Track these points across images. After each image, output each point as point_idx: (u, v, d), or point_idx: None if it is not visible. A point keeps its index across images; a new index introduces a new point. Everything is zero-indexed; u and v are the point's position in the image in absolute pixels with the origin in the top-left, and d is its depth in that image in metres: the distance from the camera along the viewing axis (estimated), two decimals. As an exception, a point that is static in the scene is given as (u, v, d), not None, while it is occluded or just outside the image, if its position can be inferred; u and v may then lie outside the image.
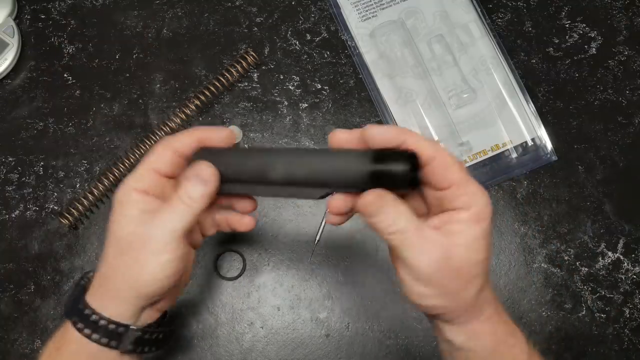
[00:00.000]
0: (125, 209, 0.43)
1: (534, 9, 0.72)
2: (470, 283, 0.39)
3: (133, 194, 0.43)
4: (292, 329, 0.62)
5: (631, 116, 0.69)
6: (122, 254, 0.42)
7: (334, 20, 0.70)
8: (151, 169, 0.44)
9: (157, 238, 0.41)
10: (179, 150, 0.43)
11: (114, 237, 0.43)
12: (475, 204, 0.38)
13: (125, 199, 0.43)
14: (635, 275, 0.64)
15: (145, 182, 0.43)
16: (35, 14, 0.70)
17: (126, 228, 0.42)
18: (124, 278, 0.42)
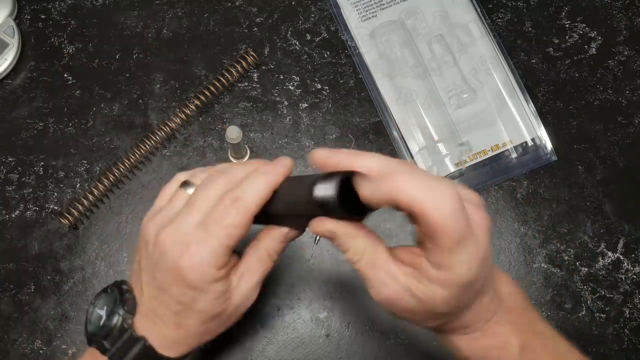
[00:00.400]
0: (209, 294, 0.41)
1: (534, 9, 0.72)
2: (426, 321, 0.39)
3: (218, 275, 0.41)
4: (292, 329, 0.62)
5: (631, 116, 0.69)
6: (213, 321, 0.43)
7: (334, 20, 0.70)
8: (230, 246, 0.41)
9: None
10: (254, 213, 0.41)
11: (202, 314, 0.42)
12: (451, 269, 0.36)
13: (202, 285, 0.40)
14: (635, 275, 0.64)
15: (227, 258, 0.41)
16: (35, 14, 0.70)
17: (217, 308, 0.42)
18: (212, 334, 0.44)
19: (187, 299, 0.41)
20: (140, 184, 0.65)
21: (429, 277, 0.36)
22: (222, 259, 0.40)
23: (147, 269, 0.43)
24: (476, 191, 0.66)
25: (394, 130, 0.67)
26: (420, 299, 0.37)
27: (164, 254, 0.40)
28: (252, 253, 0.44)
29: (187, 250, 0.39)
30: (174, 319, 0.42)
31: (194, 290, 0.40)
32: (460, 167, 0.66)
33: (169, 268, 0.40)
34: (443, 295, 0.36)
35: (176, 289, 0.41)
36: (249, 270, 0.43)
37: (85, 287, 0.62)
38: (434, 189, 0.34)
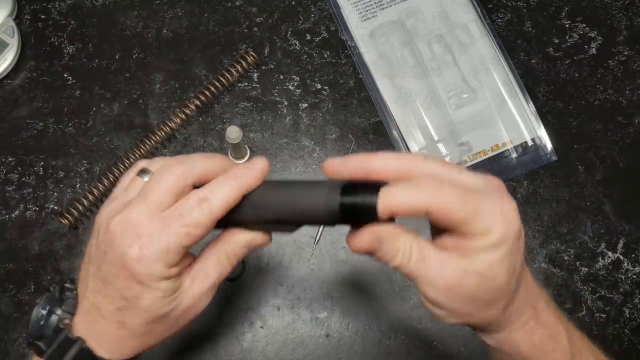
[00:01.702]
0: (155, 291, 0.38)
1: (534, 9, 0.72)
2: (489, 307, 0.37)
3: (168, 273, 0.38)
4: (292, 329, 0.62)
5: (631, 116, 0.69)
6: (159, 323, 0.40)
7: (334, 21, 0.70)
8: (186, 246, 0.38)
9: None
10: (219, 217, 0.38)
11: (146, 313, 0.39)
12: (494, 228, 0.34)
13: (149, 280, 0.37)
14: (635, 275, 0.64)
15: (180, 257, 0.38)
16: (35, 14, 0.70)
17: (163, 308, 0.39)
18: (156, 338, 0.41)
19: (131, 294, 0.38)
20: (140, 184, 0.65)
21: (477, 247, 0.35)
22: (175, 257, 0.37)
23: (95, 260, 0.40)
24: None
25: (394, 130, 0.67)
26: (480, 274, 0.35)
27: (113, 242, 0.38)
28: (210, 255, 0.41)
29: (137, 241, 0.37)
30: (116, 317, 0.39)
31: (140, 285, 0.37)
32: (460, 167, 0.66)
33: (116, 258, 0.37)
34: (499, 258, 0.35)
35: (121, 281, 0.38)
36: (204, 272, 0.40)
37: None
38: (469, 202, 0.34)
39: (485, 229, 0.34)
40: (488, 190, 0.35)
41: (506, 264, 0.35)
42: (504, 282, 0.36)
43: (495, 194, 0.35)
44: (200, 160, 0.40)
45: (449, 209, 0.34)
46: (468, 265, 0.35)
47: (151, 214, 0.37)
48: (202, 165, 0.39)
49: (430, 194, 0.34)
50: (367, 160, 0.36)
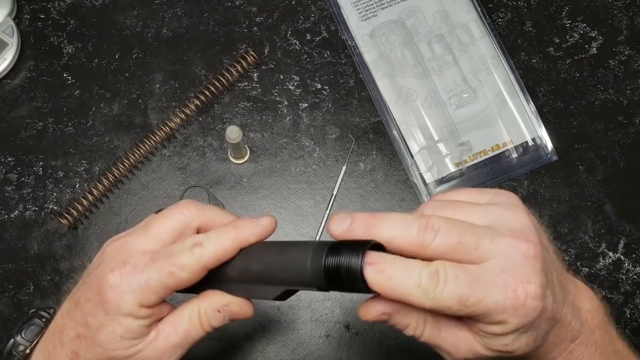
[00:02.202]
0: (117, 327, 0.35)
1: (534, 8, 0.71)
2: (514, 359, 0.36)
3: (138, 311, 0.35)
4: (292, 329, 0.62)
5: (632, 116, 0.68)
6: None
7: (334, 20, 0.70)
8: (167, 287, 0.36)
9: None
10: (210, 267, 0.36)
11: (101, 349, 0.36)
12: (508, 320, 0.32)
13: (115, 311, 0.35)
14: (636, 276, 0.64)
15: (157, 298, 0.36)
16: (35, 14, 0.69)
17: (119, 350, 0.36)
18: None
19: (94, 322, 0.36)
20: (140, 184, 0.65)
21: (491, 332, 0.33)
22: (150, 296, 0.35)
23: (80, 280, 0.39)
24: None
25: (394, 130, 0.66)
26: (497, 350, 0.34)
27: (100, 264, 0.37)
28: (182, 311, 0.38)
29: (120, 267, 0.35)
30: (73, 344, 0.37)
31: (105, 314, 0.35)
32: (461, 167, 0.66)
33: (95, 280, 0.36)
34: (514, 340, 0.33)
35: (90, 306, 0.36)
36: (172, 328, 0.37)
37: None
38: (472, 299, 0.31)
39: (496, 321, 0.32)
40: (504, 271, 0.32)
41: (525, 341, 0.34)
42: (524, 352, 0.34)
43: (513, 276, 0.32)
44: (214, 209, 0.38)
45: (448, 310, 0.31)
46: (486, 343, 0.34)
47: (147, 246, 0.36)
48: (213, 213, 0.38)
49: (427, 288, 0.31)
50: (370, 226, 0.33)
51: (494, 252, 0.32)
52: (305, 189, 0.66)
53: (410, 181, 0.66)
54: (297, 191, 0.66)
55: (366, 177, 0.66)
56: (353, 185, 0.66)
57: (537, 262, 0.32)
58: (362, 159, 0.67)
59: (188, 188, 0.65)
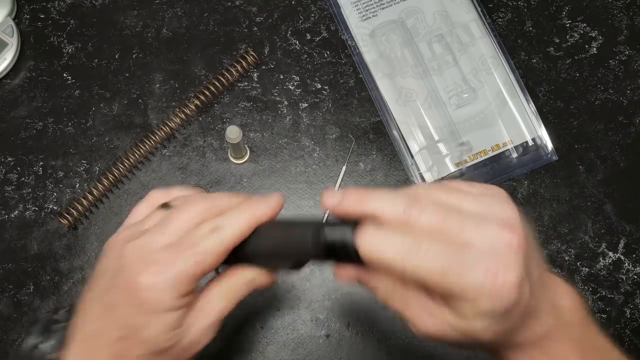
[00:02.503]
0: (160, 324, 0.37)
1: (534, 8, 0.71)
2: (473, 349, 0.37)
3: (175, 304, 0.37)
4: (292, 329, 0.62)
5: (632, 116, 0.68)
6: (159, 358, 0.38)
7: (334, 20, 0.70)
8: (197, 275, 0.37)
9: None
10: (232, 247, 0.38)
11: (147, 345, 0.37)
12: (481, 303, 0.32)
13: (155, 310, 0.36)
14: (636, 276, 0.64)
15: (191, 287, 0.37)
16: (35, 14, 0.69)
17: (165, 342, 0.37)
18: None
19: (135, 323, 0.36)
20: (140, 183, 0.65)
21: (462, 312, 0.33)
22: (185, 286, 0.36)
23: (99, 285, 0.39)
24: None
25: (394, 130, 0.66)
26: (464, 333, 0.34)
27: (123, 268, 0.37)
28: (213, 289, 0.40)
29: (149, 268, 0.36)
30: (114, 348, 0.37)
31: (146, 314, 0.36)
32: (461, 167, 0.66)
33: (124, 284, 0.36)
34: (483, 326, 0.33)
35: (126, 308, 0.36)
36: (206, 309, 0.39)
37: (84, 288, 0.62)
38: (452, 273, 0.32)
39: (471, 299, 0.32)
40: (487, 254, 0.32)
41: (494, 329, 0.33)
42: (490, 341, 0.34)
43: (494, 261, 0.32)
44: (224, 197, 0.40)
45: (428, 280, 0.32)
46: (452, 321, 0.34)
47: (167, 242, 0.37)
48: (227, 202, 0.39)
49: (409, 257, 0.32)
50: (361, 202, 0.35)
51: (478, 237, 0.33)
52: (305, 189, 0.66)
53: (410, 181, 0.66)
54: (297, 191, 0.66)
55: (366, 177, 0.66)
56: (353, 185, 0.66)
57: (520, 253, 0.33)
58: (362, 159, 0.67)
59: (188, 188, 0.65)
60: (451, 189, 0.36)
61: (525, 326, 0.35)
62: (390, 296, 0.36)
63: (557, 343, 0.37)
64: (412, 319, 0.35)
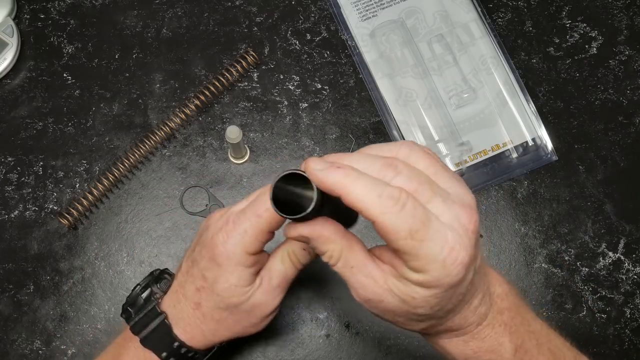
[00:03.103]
0: (231, 277, 0.43)
1: (534, 8, 0.71)
2: (409, 323, 0.38)
3: (246, 260, 0.42)
4: (292, 329, 0.62)
5: (632, 116, 0.68)
6: (229, 312, 0.45)
7: (334, 20, 0.70)
8: (261, 230, 0.41)
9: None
10: None
11: (219, 297, 0.44)
12: (430, 271, 0.34)
13: (227, 263, 0.42)
14: (636, 276, 0.64)
15: (258, 244, 0.42)
16: (35, 14, 0.69)
17: (234, 297, 0.43)
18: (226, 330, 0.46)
19: (211, 274, 0.42)
20: (140, 183, 0.65)
21: (408, 278, 0.35)
22: (253, 244, 0.41)
23: (193, 243, 0.46)
24: (477, 191, 0.66)
25: (394, 130, 0.66)
26: (402, 299, 0.36)
27: (208, 227, 0.43)
28: (275, 255, 0.44)
29: (225, 226, 0.41)
30: (194, 297, 0.44)
31: (219, 267, 0.42)
32: (461, 167, 0.66)
33: (206, 240, 0.42)
34: (424, 296, 0.35)
35: (205, 262, 0.42)
36: (270, 270, 0.44)
37: (84, 288, 0.62)
38: (417, 237, 0.33)
39: (420, 268, 0.34)
40: (449, 229, 0.34)
41: (432, 302, 0.35)
42: (425, 313, 0.36)
43: (454, 236, 0.34)
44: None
45: (394, 234, 0.33)
46: (394, 286, 0.36)
47: (243, 206, 0.42)
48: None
49: (384, 209, 0.33)
50: (340, 158, 0.35)
51: (443, 212, 0.34)
52: (305, 189, 0.66)
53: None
54: (297, 191, 0.66)
55: (366, 177, 0.66)
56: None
57: (473, 237, 0.35)
58: (362, 159, 0.67)
59: (188, 188, 0.65)
60: (434, 159, 0.37)
61: (457, 312, 0.38)
62: (336, 259, 0.37)
63: (488, 328, 0.40)
64: (355, 284, 0.37)
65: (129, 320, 0.47)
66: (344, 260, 0.37)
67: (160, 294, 0.47)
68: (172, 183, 0.65)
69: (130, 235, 0.64)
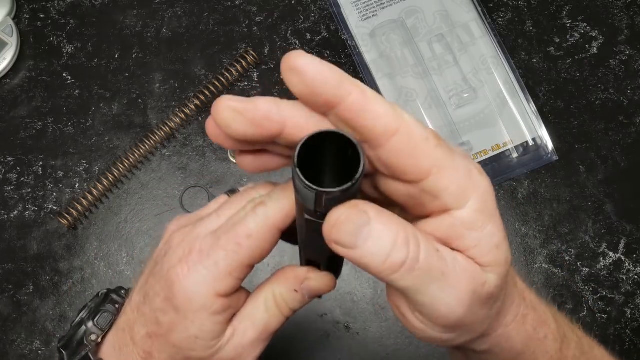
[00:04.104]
0: (191, 326, 0.31)
1: (534, 8, 0.71)
2: (497, 301, 0.29)
3: (212, 304, 0.31)
4: (292, 329, 0.62)
5: (632, 116, 0.68)
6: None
7: (334, 20, 0.70)
8: (238, 263, 0.30)
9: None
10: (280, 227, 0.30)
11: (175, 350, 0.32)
12: (474, 191, 0.26)
13: (187, 307, 0.30)
14: (637, 276, 0.64)
15: (232, 282, 0.30)
16: (34, 14, 0.69)
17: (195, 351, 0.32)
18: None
19: (166, 320, 0.31)
20: (139, 183, 0.65)
21: (463, 224, 0.26)
22: (224, 281, 0.30)
23: (146, 271, 0.34)
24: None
25: (394, 130, 0.66)
26: (491, 280, 0.27)
27: (167, 254, 0.32)
28: (257, 297, 0.33)
29: (187, 256, 0.30)
30: (145, 344, 0.33)
31: (176, 312, 0.31)
32: (461, 167, 0.65)
33: (163, 273, 0.31)
34: (495, 230, 0.27)
35: (160, 301, 0.31)
36: (248, 320, 0.33)
37: (84, 288, 0.62)
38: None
39: (462, 194, 0.25)
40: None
41: (505, 239, 0.27)
42: (508, 263, 0.28)
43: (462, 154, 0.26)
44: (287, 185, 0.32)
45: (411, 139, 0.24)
46: (477, 256, 0.26)
47: (213, 227, 0.31)
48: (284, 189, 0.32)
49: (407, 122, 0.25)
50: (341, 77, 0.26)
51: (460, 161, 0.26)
52: (305, 189, 0.66)
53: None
54: (297, 191, 0.66)
55: (366, 177, 0.66)
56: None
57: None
58: (362, 158, 0.66)
59: (188, 188, 0.65)
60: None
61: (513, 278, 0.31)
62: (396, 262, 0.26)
63: (532, 293, 0.34)
64: (450, 277, 0.27)
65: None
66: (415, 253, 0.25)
67: (98, 333, 0.36)
68: (172, 183, 0.65)
69: (130, 236, 0.64)
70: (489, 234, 0.26)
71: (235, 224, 0.30)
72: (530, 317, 0.32)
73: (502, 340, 0.31)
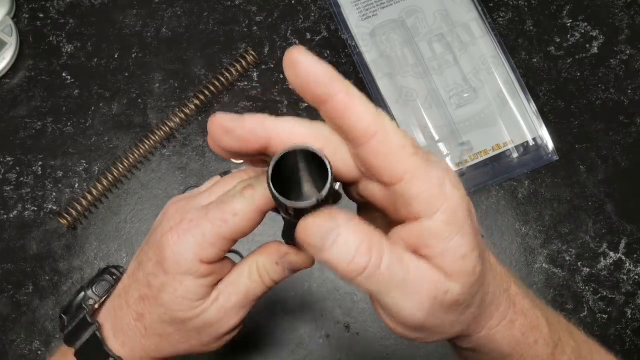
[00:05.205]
0: (178, 287, 0.35)
1: (535, 8, 0.71)
2: (470, 307, 0.30)
3: (198, 268, 0.35)
4: (292, 329, 0.62)
5: (633, 116, 0.68)
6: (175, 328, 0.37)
7: (334, 20, 0.70)
8: (222, 236, 0.34)
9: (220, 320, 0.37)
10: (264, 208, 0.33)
11: (163, 309, 0.36)
12: (444, 203, 0.27)
13: (175, 270, 0.35)
14: (638, 276, 0.64)
15: (216, 251, 0.34)
16: (34, 13, 0.69)
17: (181, 311, 0.36)
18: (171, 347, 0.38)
19: (156, 282, 0.35)
20: (139, 183, 0.65)
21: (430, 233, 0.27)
22: (209, 250, 0.34)
23: (145, 240, 0.38)
24: (477, 191, 0.66)
25: (394, 130, 0.66)
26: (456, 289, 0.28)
27: (160, 224, 0.36)
28: (242, 266, 0.37)
29: (178, 225, 0.34)
30: (138, 306, 0.37)
31: (165, 275, 0.35)
32: (461, 167, 0.65)
33: (155, 241, 0.36)
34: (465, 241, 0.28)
35: (152, 266, 0.36)
36: (232, 286, 0.36)
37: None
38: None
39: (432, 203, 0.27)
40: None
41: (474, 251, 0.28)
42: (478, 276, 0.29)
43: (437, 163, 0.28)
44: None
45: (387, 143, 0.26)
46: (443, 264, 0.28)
47: (205, 202, 0.35)
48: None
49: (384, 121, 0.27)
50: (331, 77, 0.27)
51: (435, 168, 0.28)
52: (305, 189, 0.65)
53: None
54: (297, 191, 0.65)
55: (366, 177, 0.66)
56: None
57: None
58: (363, 158, 0.66)
59: (188, 188, 0.65)
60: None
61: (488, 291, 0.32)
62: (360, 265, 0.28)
63: (521, 297, 0.35)
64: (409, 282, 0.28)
65: (63, 329, 0.41)
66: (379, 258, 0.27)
67: (96, 299, 0.40)
68: (172, 183, 0.65)
69: (130, 236, 0.64)
70: (456, 245, 0.27)
71: (224, 202, 0.34)
72: (519, 322, 0.34)
73: (486, 341, 0.33)
